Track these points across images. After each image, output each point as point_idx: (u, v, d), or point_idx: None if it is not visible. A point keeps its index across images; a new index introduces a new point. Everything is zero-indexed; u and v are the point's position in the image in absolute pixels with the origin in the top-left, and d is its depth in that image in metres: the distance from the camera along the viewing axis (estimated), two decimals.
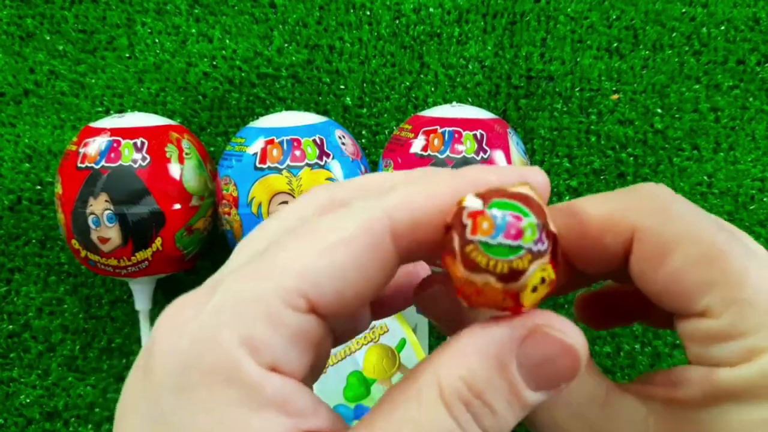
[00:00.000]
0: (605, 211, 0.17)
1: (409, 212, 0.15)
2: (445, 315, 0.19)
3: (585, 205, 0.18)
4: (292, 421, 0.14)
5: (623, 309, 0.23)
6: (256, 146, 0.38)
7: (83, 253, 0.39)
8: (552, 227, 0.14)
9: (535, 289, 0.14)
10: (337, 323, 0.16)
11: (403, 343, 0.40)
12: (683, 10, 0.46)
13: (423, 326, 0.44)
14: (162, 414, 0.14)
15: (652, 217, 0.17)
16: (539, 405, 0.15)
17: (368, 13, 0.47)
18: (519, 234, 0.13)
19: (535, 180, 0.16)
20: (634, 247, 0.17)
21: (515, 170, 0.16)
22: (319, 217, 0.16)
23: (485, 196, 0.14)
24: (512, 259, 0.14)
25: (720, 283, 0.16)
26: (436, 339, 0.44)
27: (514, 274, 0.14)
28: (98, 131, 0.39)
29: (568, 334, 0.15)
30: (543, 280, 0.14)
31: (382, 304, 0.20)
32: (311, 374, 0.16)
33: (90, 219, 0.38)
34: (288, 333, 0.14)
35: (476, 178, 0.16)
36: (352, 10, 0.47)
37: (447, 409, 0.14)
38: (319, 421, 0.15)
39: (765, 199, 0.45)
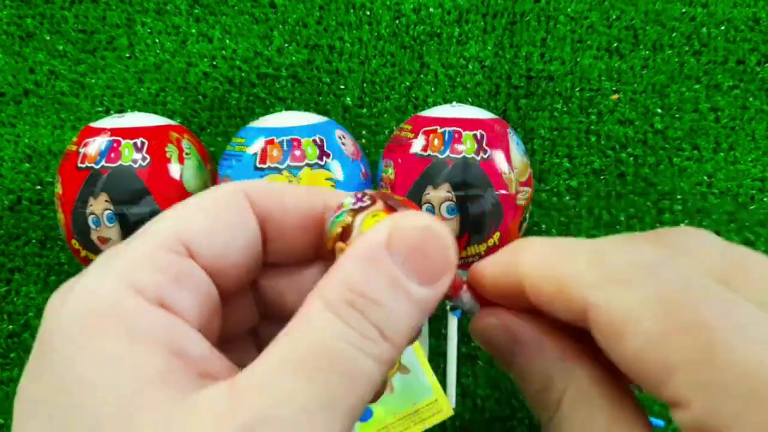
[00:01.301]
0: (550, 279, 0.16)
1: (259, 187, 0.18)
2: (502, 347, 0.18)
3: (528, 267, 0.16)
4: (174, 358, 0.14)
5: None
6: (256, 146, 0.38)
7: (83, 253, 0.39)
8: (370, 192, 0.18)
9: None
10: (225, 283, 0.17)
11: None
12: (683, 10, 0.46)
13: (423, 326, 0.44)
14: (47, 360, 0.14)
15: (606, 288, 0.14)
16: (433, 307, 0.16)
17: (368, 13, 0.47)
18: (339, 207, 0.17)
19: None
20: (591, 326, 0.15)
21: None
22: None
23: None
24: (339, 221, 0.17)
25: (686, 362, 0.13)
26: (436, 339, 0.44)
27: (346, 230, 0.17)
28: (98, 131, 0.39)
29: (429, 222, 0.16)
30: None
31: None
32: (207, 328, 0.17)
33: (90, 219, 0.38)
34: (171, 273, 0.15)
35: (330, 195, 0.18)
36: (352, 10, 0.47)
37: (334, 314, 0.14)
38: (210, 367, 0.15)
39: (765, 199, 0.45)
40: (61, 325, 0.14)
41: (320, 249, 0.19)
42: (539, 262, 0.16)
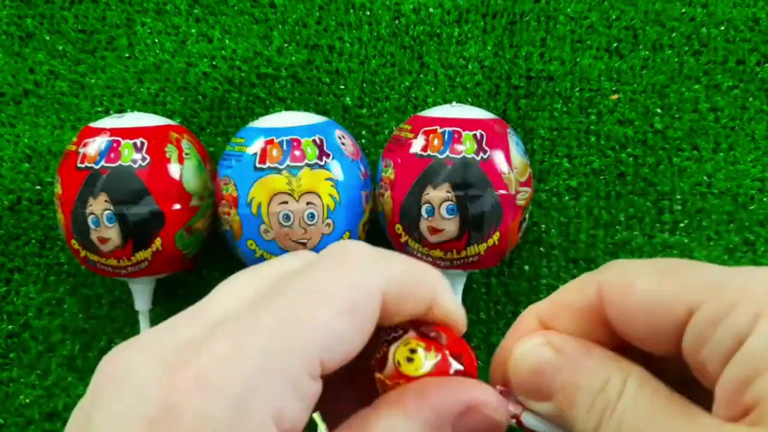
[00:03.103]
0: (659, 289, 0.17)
1: (400, 286, 0.17)
2: (544, 371, 0.19)
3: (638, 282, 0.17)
4: None
5: None
6: (256, 146, 0.38)
7: (83, 253, 0.39)
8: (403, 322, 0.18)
9: (410, 360, 0.18)
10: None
11: None
12: (683, 10, 0.46)
13: None
14: None
15: (609, 271, 0.18)
16: None
17: (368, 13, 0.47)
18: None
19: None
20: (603, 296, 0.17)
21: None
22: (329, 268, 0.16)
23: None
24: (377, 355, 0.18)
25: (689, 280, 0.16)
26: None
27: (382, 360, 0.18)
28: (98, 131, 0.39)
29: (499, 412, 0.17)
30: (413, 351, 0.18)
31: None
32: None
33: (90, 219, 0.38)
34: (309, 402, 0.15)
35: (438, 278, 0.18)
36: (352, 10, 0.47)
37: None
38: None
39: (765, 199, 0.45)
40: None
41: None
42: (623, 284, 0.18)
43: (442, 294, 0.18)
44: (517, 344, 0.19)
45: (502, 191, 0.38)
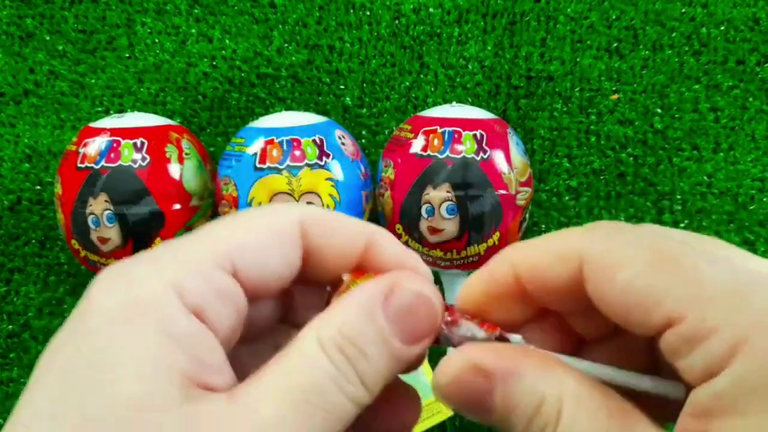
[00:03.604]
0: (553, 248, 0.18)
1: (315, 220, 0.18)
2: (476, 392, 0.18)
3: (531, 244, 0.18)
4: (192, 364, 0.15)
5: None
6: (256, 146, 0.38)
7: (83, 253, 0.39)
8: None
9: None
10: (256, 296, 0.18)
11: None
12: (683, 10, 0.46)
13: None
14: (73, 355, 0.15)
15: (597, 243, 0.17)
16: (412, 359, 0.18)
17: (368, 13, 0.47)
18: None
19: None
20: (585, 273, 0.17)
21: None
22: (246, 210, 0.19)
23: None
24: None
25: (675, 285, 0.15)
26: None
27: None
28: (98, 131, 0.39)
29: (424, 288, 0.18)
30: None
31: None
32: (230, 338, 0.18)
33: (90, 219, 0.38)
34: (214, 288, 0.16)
35: (372, 229, 0.19)
36: (352, 10, 0.47)
37: (325, 354, 0.16)
38: (217, 379, 0.16)
39: (765, 199, 0.45)
40: (102, 306, 0.15)
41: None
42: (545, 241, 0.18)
43: (380, 239, 0.19)
44: (445, 366, 0.18)
45: (502, 191, 0.38)
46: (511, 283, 0.19)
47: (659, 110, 0.46)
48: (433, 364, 0.43)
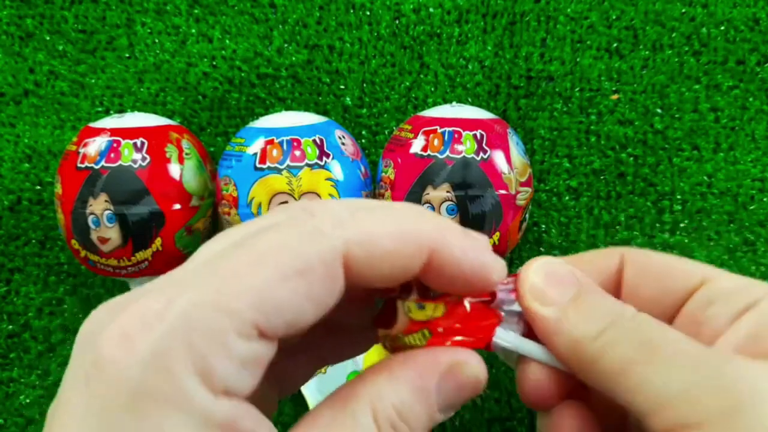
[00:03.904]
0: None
1: (367, 247, 0.16)
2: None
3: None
4: None
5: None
6: (256, 146, 0.38)
7: (83, 253, 0.39)
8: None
9: (421, 307, 0.18)
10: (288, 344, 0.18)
11: None
12: (683, 10, 0.46)
13: None
14: (108, 430, 0.14)
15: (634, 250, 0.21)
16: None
17: (368, 13, 0.47)
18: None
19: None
20: (627, 263, 0.20)
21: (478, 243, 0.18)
22: (285, 230, 0.16)
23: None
24: (379, 315, 0.19)
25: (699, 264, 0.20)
26: None
27: (386, 317, 0.19)
28: (98, 131, 0.39)
29: (479, 370, 0.18)
30: (421, 305, 0.18)
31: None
32: (259, 388, 0.16)
33: (90, 219, 0.38)
34: (240, 360, 0.15)
35: (436, 229, 0.17)
36: (352, 10, 0.47)
37: (378, 429, 0.16)
38: None
39: (765, 199, 0.45)
40: (130, 396, 0.14)
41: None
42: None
43: (447, 244, 0.17)
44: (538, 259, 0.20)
45: (502, 191, 0.38)
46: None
47: (659, 110, 0.46)
48: None
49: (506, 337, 0.19)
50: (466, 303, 0.19)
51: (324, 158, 0.38)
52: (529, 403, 0.20)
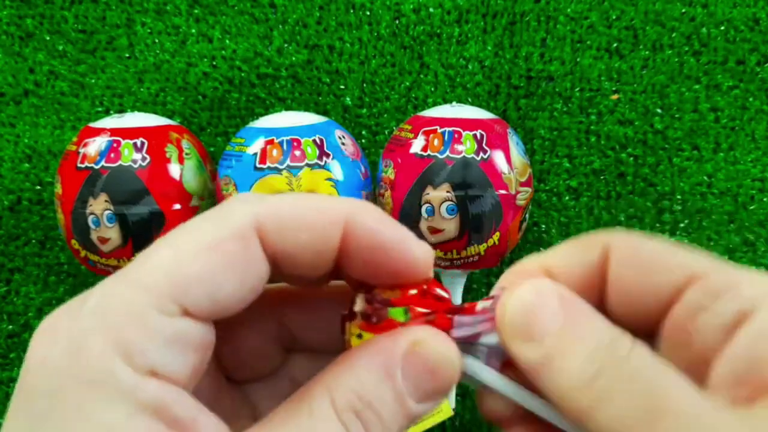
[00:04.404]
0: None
1: (278, 218, 0.16)
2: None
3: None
4: (167, 429, 0.14)
5: None
6: (256, 146, 0.38)
7: (83, 253, 0.39)
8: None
9: (360, 337, 0.17)
10: (250, 336, 0.17)
11: None
12: (683, 10, 0.46)
13: None
14: (37, 419, 0.14)
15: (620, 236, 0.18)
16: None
17: (368, 13, 0.47)
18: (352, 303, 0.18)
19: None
20: (612, 255, 0.18)
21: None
22: (194, 220, 0.16)
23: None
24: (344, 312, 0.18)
25: (692, 253, 0.17)
26: None
27: (341, 328, 0.18)
28: (98, 131, 0.39)
29: (446, 348, 0.16)
30: (360, 336, 0.17)
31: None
32: (195, 376, 0.16)
33: (90, 219, 0.38)
34: (163, 338, 0.14)
35: (351, 203, 0.16)
36: (352, 10, 0.47)
37: (339, 418, 0.15)
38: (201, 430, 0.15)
39: (765, 199, 0.45)
40: (50, 382, 0.14)
41: (330, 268, 0.18)
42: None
43: (361, 213, 0.16)
44: (517, 283, 0.17)
45: (502, 191, 0.38)
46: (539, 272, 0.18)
47: (659, 110, 0.46)
48: None
49: (476, 369, 0.18)
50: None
51: (324, 158, 0.38)
52: (487, 420, 0.19)
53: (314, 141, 0.38)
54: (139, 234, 0.38)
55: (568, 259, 0.18)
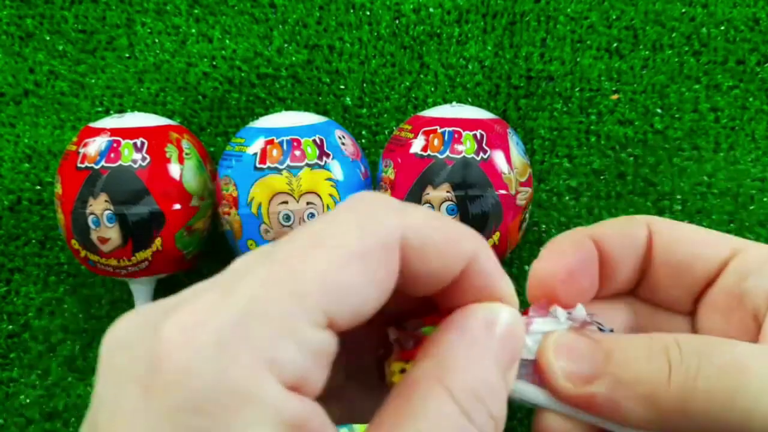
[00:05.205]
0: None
1: (422, 237, 0.15)
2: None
3: None
4: None
5: None
6: (256, 146, 0.38)
7: (83, 253, 0.39)
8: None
9: (404, 371, 0.17)
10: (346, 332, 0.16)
11: None
12: (683, 10, 0.46)
13: None
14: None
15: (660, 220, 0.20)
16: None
17: (368, 13, 0.47)
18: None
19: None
20: (654, 232, 0.20)
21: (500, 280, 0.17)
22: (339, 215, 0.15)
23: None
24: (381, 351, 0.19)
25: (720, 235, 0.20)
26: None
27: (380, 367, 0.18)
28: (98, 131, 0.39)
29: (514, 315, 0.17)
30: (403, 370, 0.17)
31: None
32: (326, 386, 0.15)
33: (90, 219, 0.38)
34: (311, 351, 0.14)
35: (476, 238, 0.16)
36: (352, 10, 0.47)
37: (460, 408, 0.15)
38: None
39: (765, 199, 0.45)
40: (195, 395, 0.13)
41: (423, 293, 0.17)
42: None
43: (483, 255, 0.16)
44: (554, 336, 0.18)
45: (503, 191, 0.38)
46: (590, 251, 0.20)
47: (659, 110, 0.46)
48: None
49: (526, 391, 0.18)
50: None
51: (324, 158, 0.38)
52: None
53: (314, 141, 0.38)
54: (139, 234, 0.38)
55: (618, 231, 0.20)
